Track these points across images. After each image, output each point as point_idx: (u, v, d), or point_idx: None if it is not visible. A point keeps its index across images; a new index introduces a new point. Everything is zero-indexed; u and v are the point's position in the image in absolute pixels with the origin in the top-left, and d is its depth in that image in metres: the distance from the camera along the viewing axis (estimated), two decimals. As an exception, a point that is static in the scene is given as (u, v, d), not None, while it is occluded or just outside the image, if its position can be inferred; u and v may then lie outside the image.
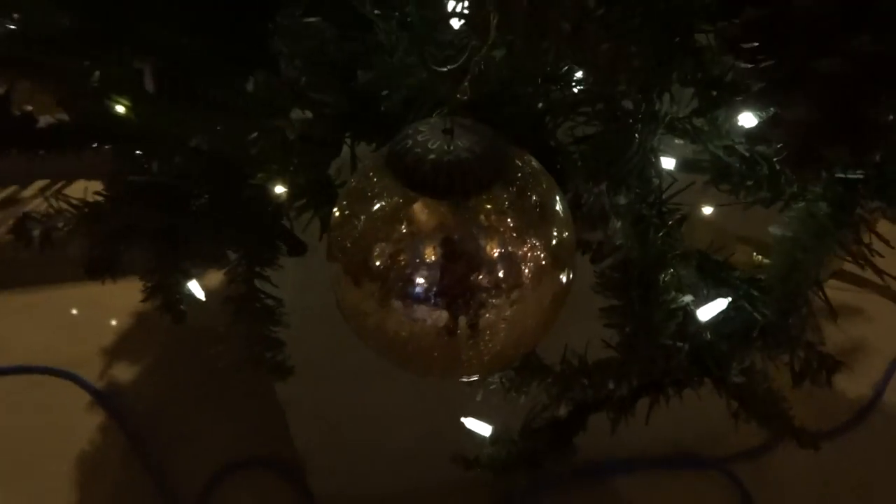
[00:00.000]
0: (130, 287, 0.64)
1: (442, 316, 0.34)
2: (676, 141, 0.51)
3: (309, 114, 0.42)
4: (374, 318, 0.35)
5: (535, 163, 0.36)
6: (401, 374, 0.40)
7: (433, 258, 0.33)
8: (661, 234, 0.49)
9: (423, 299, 0.34)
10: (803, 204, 0.50)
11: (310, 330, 0.76)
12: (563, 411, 0.49)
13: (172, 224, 0.53)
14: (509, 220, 0.34)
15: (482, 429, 0.55)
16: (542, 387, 0.49)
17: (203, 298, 0.66)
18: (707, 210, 0.55)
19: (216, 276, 0.59)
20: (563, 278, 0.36)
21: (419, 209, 0.34)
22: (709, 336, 0.51)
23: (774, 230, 0.48)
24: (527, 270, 0.34)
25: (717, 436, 0.99)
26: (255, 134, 0.43)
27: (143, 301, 0.71)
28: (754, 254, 0.53)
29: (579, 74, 0.43)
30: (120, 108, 0.49)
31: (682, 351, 0.48)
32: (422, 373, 0.37)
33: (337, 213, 0.37)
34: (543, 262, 0.35)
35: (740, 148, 0.52)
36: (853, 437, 1.00)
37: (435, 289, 0.34)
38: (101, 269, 0.61)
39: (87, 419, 1.10)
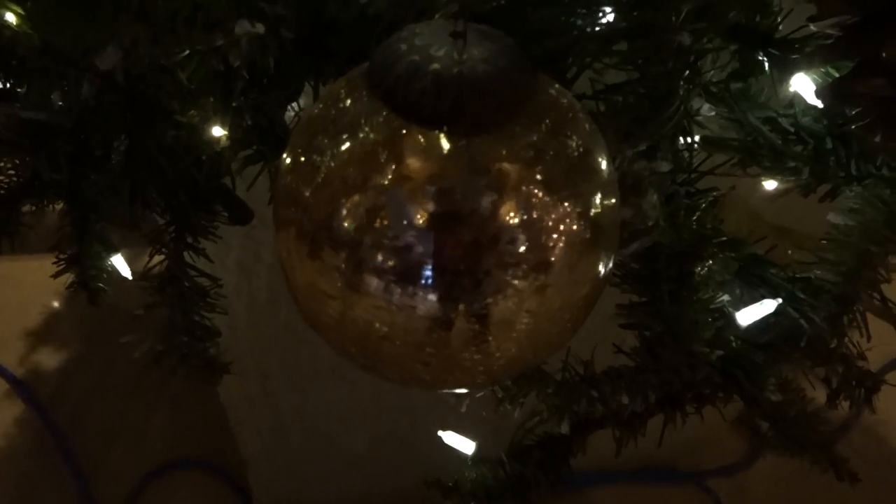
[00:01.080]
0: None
1: (437, 303, 0.23)
2: (702, 113, 0.41)
3: (260, 28, 0.31)
4: (337, 304, 0.24)
5: (572, 98, 0.25)
6: (357, 371, 0.29)
7: (427, 219, 0.22)
8: (694, 217, 0.39)
9: (410, 278, 0.23)
10: (859, 190, 0.41)
11: (256, 318, 0.64)
12: (564, 428, 0.39)
13: (82, 176, 0.40)
14: (538, 170, 0.23)
15: (463, 444, 0.44)
16: (542, 398, 0.39)
17: (129, 276, 0.54)
18: (740, 194, 0.45)
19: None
20: (603, 262, 0.25)
21: (411, 147, 0.22)
22: (738, 344, 0.41)
23: (834, 218, 0.38)
24: (560, 245, 0.23)
25: (695, 449, 0.91)
26: (185, 52, 0.31)
27: (53, 276, 0.57)
28: (789, 251, 0.44)
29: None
30: (10, 17, 0.36)
31: (714, 360, 0.38)
32: (404, 382, 0.26)
33: (289, 155, 0.25)
34: (582, 235, 0.24)
35: (784, 121, 0.42)
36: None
37: (428, 263, 0.22)
38: (-5, 233, 0.48)
39: (2, 410, 0.95)
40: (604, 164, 0.25)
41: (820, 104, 0.39)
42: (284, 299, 0.29)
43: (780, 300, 0.38)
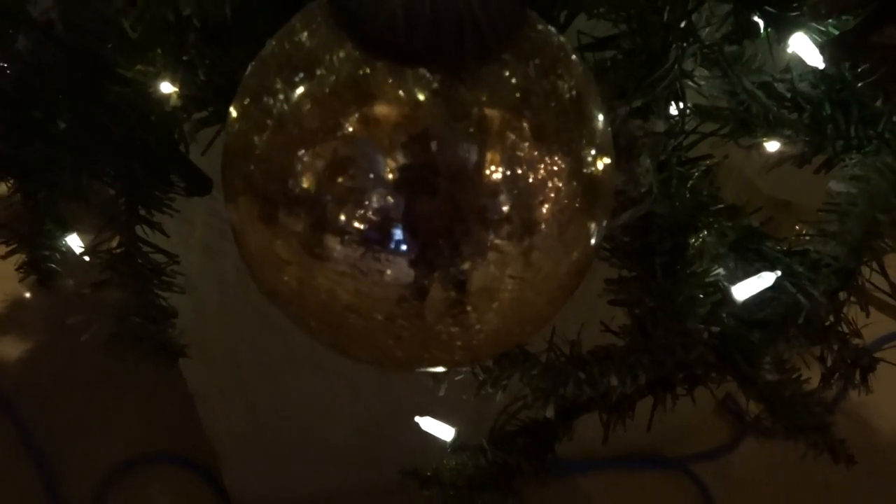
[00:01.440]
0: (20, 248, 0.49)
1: (409, 268, 0.20)
2: (696, 76, 0.38)
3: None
4: (295, 271, 0.21)
5: (563, 39, 0.22)
6: (333, 358, 0.26)
7: (397, 172, 0.19)
8: (688, 185, 0.36)
9: (377, 240, 0.19)
10: (859, 157, 0.38)
11: (225, 303, 0.61)
12: (549, 412, 0.36)
13: (24, 144, 0.36)
14: (526, 116, 0.20)
15: (442, 431, 0.41)
16: (526, 380, 0.36)
17: (86, 256, 0.50)
18: (736, 163, 0.42)
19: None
20: (596, 224, 0.22)
21: (377, 87, 0.19)
22: (733, 322, 0.38)
23: (836, 186, 0.36)
24: (549, 202, 0.20)
25: (679, 434, 0.89)
26: (127, -3, 0.27)
27: (3, 257, 0.53)
28: (796, 226, 0.41)
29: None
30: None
31: (709, 338, 0.35)
32: (374, 360, 0.23)
33: (238, 100, 0.22)
34: (574, 192, 0.21)
35: (780, 87, 0.40)
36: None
37: (398, 223, 0.19)
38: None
39: (-39, 403, 0.90)
40: (598, 114, 0.22)
41: (820, 66, 0.37)
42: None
43: (778, 273, 0.35)
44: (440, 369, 0.24)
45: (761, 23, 0.37)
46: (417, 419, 0.41)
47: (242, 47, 0.32)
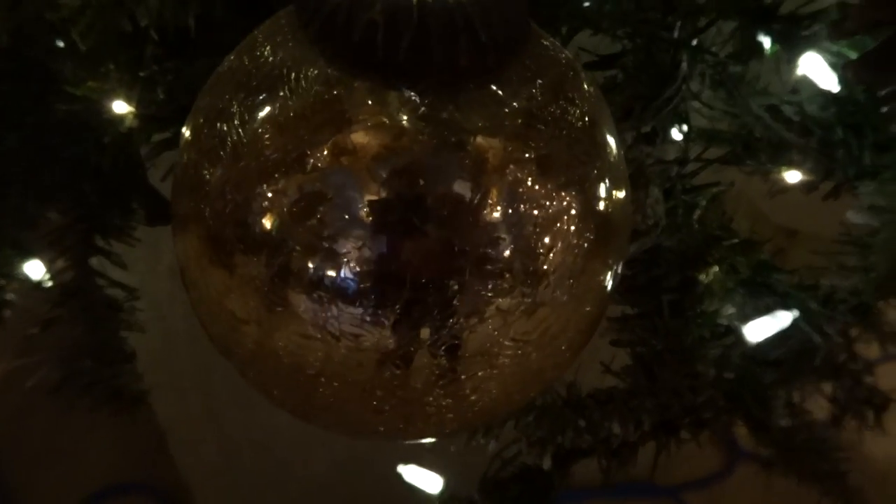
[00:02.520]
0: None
1: (390, 329, 0.16)
2: (702, 102, 0.35)
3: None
4: (252, 331, 0.17)
5: (569, 55, 0.19)
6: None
7: (377, 212, 0.16)
8: (694, 215, 0.33)
9: (352, 294, 0.16)
10: (874, 186, 0.36)
11: (196, 330, 0.57)
12: (546, 463, 0.32)
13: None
14: (530, 145, 0.17)
15: (427, 481, 0.37)
16: (521, 428, 0.32)
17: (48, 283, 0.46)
18: (743, 190, 0.39)
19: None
20: (611, 272, 0.19)
21: (355, 110, 0.16)
22: (743, 362, 0.35)
23: (855, 217, 0.33)
24: (558, 248, 0.17)
25: (669, 462, 0.86)
26: (76, 2, 0.24)
27: (-47, 285, 0.49)
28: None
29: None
30: None
31: (720, 382, 0.32)
32: (350, 433, 0.19)
33: (190, 124, 0.18)
34: (587, 238, 0.17)
35: (787, 110, 0.37)
36: (810, 463, 0.89)
37: (378, 274, 0.16)
38: None
39: (-81, 432, 0.85)
40: (612, 141, 0.19)
41: (834, 88, 0.34)
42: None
43: (796, 312, 0.32)
44: (429, 439, 0.20)
45: (767, 42, 0.35)
46: (401, 469, 0.37)
47: (209, 60, 0.29)
